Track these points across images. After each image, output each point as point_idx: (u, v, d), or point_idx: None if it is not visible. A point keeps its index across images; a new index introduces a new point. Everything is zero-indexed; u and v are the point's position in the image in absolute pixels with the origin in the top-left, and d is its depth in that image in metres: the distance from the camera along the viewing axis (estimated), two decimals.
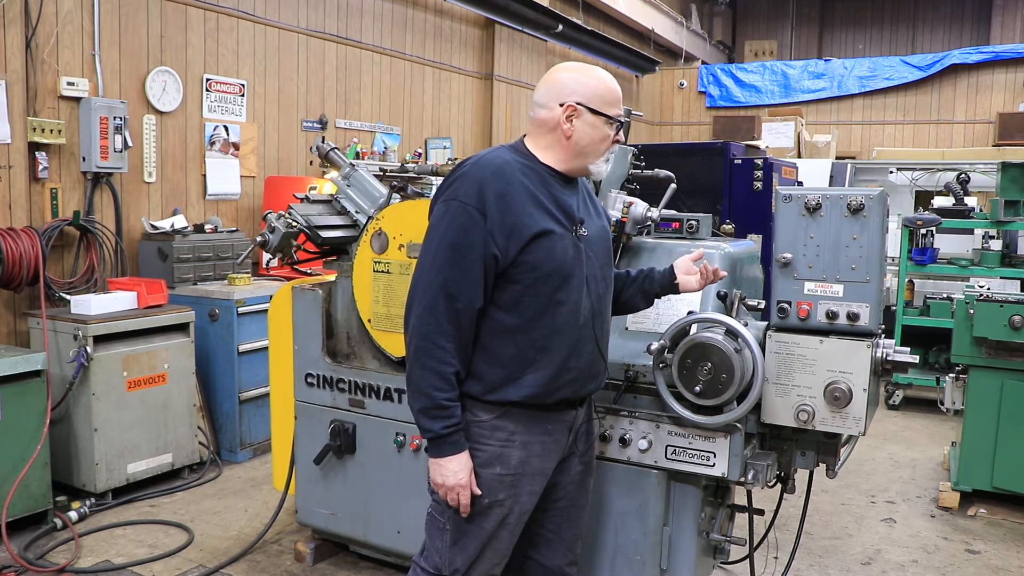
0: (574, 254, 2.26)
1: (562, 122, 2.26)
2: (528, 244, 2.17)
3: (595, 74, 2.33)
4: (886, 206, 2.64)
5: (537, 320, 2.22)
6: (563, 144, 2.29)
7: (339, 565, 3.83)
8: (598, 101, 2.29)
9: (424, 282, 2.18)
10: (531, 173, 2.25)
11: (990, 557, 4.17)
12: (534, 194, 2.22)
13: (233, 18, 6.22)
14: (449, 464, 2.19)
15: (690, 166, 5.05)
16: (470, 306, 2.16)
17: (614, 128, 2.32)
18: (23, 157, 4.73)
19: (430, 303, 2.15)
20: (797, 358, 2.68)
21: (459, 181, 2.20)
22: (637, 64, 13.08)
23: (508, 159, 2.24)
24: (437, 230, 2.19)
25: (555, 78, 2.32)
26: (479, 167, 2.20)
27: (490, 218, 2.15)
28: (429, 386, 2.15)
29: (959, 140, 12.90)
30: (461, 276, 2.14)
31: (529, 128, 2.36)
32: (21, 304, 4.81)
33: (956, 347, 4.65)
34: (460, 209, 2.16)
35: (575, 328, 2.29)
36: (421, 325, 2.16)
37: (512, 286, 2.20)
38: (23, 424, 4.06)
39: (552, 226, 2.22)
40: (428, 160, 8.38)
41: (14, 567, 3.73)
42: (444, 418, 2.17)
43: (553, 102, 2.28)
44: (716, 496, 3.05)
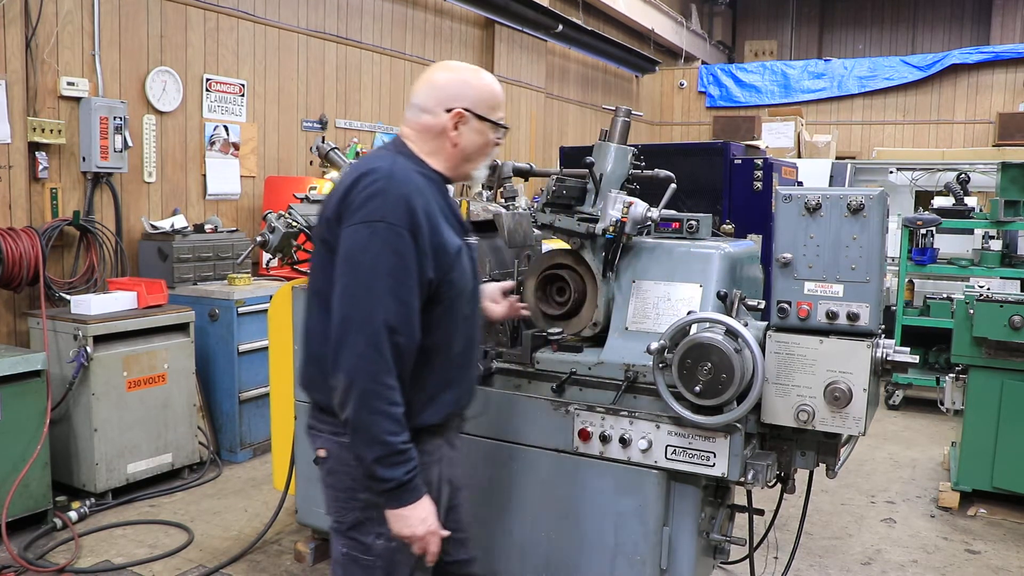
0: (471, 265, 2.21)
1: (449, 129, 2.16)
2: (451, 263, 2.08)
3: (481, 77, 2.21)
4: (886, 206, 2.63)
5: (452, 339, 2.15)
6: (448, 151, 2.18)
7: None
8: (484, 106, 2.18)
9: (361, 315, 1.94)
10: (432, 184, 2.13)
11: (990, 557, 4.17)
12: (443, 207, 2.12)
13: (233, 18, 6.22)
14: (416, 512, 2.01)
15: (690, 166, 5.06)
16: (411, 339, 2.00)
17: (499, 133, 2.24)
18: (23, 157, 4.73)
19: (371, 339, 1.93)
20: (797, 358, 2.68)
21: (380, 199, 1.98)
22: (637, 64, 13.09)
23: (415, 171, 2.10)
24: (366, 256, 1.95)
25: (437, 81, 2.18)
26: (398, 182, 2.01)
27: (421, 240, 1.99)
28: (383, 431, 1.94)
29: (959, 140, 12.91)
30: (401, 307, 1.96)
31: (407, 132, 2.21)
32: (21, 304, 4.81)
33: (956, 347, 4.65)
34: (390, 232, 1.95)
35: (478, 341, 2.28)
36: (364, 364, 1.93)
37: (436, 307, 2.08)
38: (23, 424, 4.06)
39: (460, 240, 2.15)
40: None
41: (14, 567, 3.73)
42: (404, 463, 1.97)
43: (439, 108, 2.15)
44: (716, 496, 3.05)
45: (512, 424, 3.11)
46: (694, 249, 3.03)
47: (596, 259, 3.05)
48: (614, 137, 3.20)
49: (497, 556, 3.20)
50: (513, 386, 3.19)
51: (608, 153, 3.16)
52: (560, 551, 3.06)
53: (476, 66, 2.26)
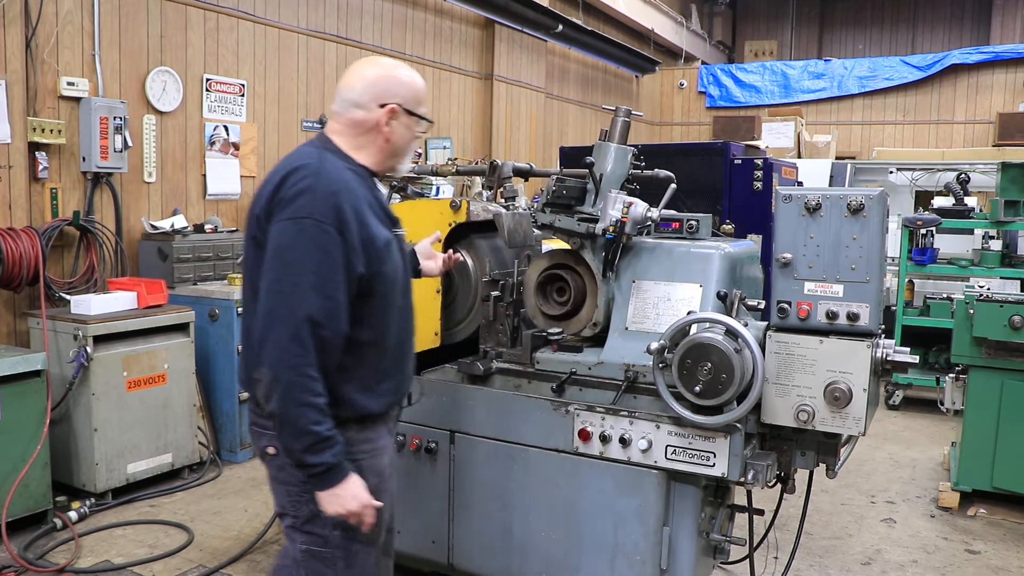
0: (400, 257, 2.27)
1: (382, 124, 2.21)
2: (381, 256, 2.14)
3: (410, 73, 2.28)
4: (886, 206, 2.64)
5: (386, 330, 2.21)
6: (379, 145, 2.24)
7: None
8: (413, 102, 2.26)
9: (286, 309, 1.99)
10: (359, 179, 2.18)
11: (990, 557, 4.17)
12: (371, 202, 2.17)
13: (233, 18, 6.22)
14: (346, 489, 2.07)
15: (690, 166, 5.06)
16: (337, 334, 2.06)
17: (422, 127, 2.32)
18: (23, 157, 4.73)
19: (295, 333, 1.98)
20: (797, 358, 2.68)
21: (308, 196, 2.03)
22: (637, 64, 13.09)
23: (343, 166, 2.15)
24: (293, 251, 2.01)
25: (372, 77, 2.22)
26: (325, 179, 2.06)
27: (349, 235, 2.04)
28: (309, 421, 2.00)
29: (959, 140, 12.91)
30: (327, 302, 2.02)
31: (334, 127, 2.25)
32: (21, 304, 4.81)
33: (956, 347, 4.65)
34: (317, 228, 2.00)
35: (412, 331, 2.35)
36: (287, 357, 1.98)
37: (368, 299, 2.14)
38: (23, 424, 4.06)
39: (389, 233, 2.21)
40: (428, 160, 8.38)
41: (14, 567, 3.73)
42: (331, 447, 2.04)
43: (373, 103, 2.20)
44: (716, 496, 3.05)
45: (512, 424, 3.11)
46: (694, 249, 3.03)
47: (596, 259, 3.05)
48: (614, 137, 3.20)
49: (497, 556, 3.20)
50: (513, 386, 3.20)
51: (608, 153, 3.16)
52: (560, 551, 3.06)
53: (398, 61, 2.33)
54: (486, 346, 3.30)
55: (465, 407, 3.23)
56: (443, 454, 3.29)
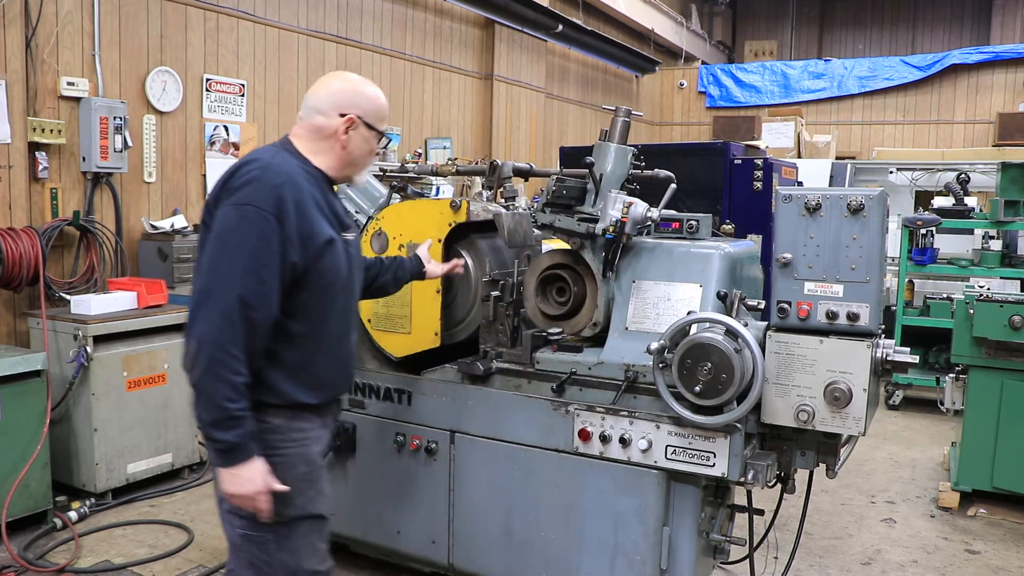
0: (347, 260, 2.37)
1: (340, 132, 2.33)
2: (319, 252, 2.23)
3: (373, 90, 2.42)
4: (886, 206, 2.64)
5: (321, 325, 2.31)
6: (337, 153, 2.36)
7: (339, 565, 3.80)
8: (374, 116, 2.38)
9: (219, 289, 2.10)
10: (312, 179, 2.29)
11: (990, 557, 4.17)
12: (318, 201, 2.27)
13: (233, 18, 6.22)
14: (244, 472, 2.13)
15: (690, 166, 5.06)
16: (268, 316, 2.15)
17: (381, 143, 2.45)
18: (23, 157, 4.73)
19: (225, 311, 2.08)
20: (797, 358, 2.68)
21: (253, 186, 2.14)
22: (637, 64, 13.09)
23: (294, 164, 2.27)
24: (233, 235, 2.12)
25: (336, 87, 2.37)
26: (272, 172, 2.18)
27: (288, 225, 2.15)
28: (222, 397, 2.08)
29: (959, 140, 12.91)
30: (260, 285, 2.11)
31: (297, 131, 2.38)
32: (21, 304, 4.81)
33: (956, 347, 4.65)
34: (257, 215, 2.12)
35: (352, 330, 2.45)
36: (214, 333, 2.08)
37: (303, 293, 2.23)
38: (23, 424, 4.06)
39: (333, 233, 2.30)
40: (428, 160, 8.38)
41: (14, 567, 3.73)
42: (237, 427, 2.11)
43: (333, 112, 2.33)
44: (716, 496, 3.05)
45: (512, 424, 3.12)
46: (694, 249, 3.03)
47: (596, 259, 3.05)
48: (614, 137, 3.20)
49: (497, 556, 3.20)
50: (513, 386, 3.20)
51: (608, 153, 3.16)
52: (560, 551, 3.06)
53: (368, 80, 2.46)
54: (486, 346, 3.30)
55: (465, 407, 3.23)
56: (443, 454, 3.29)
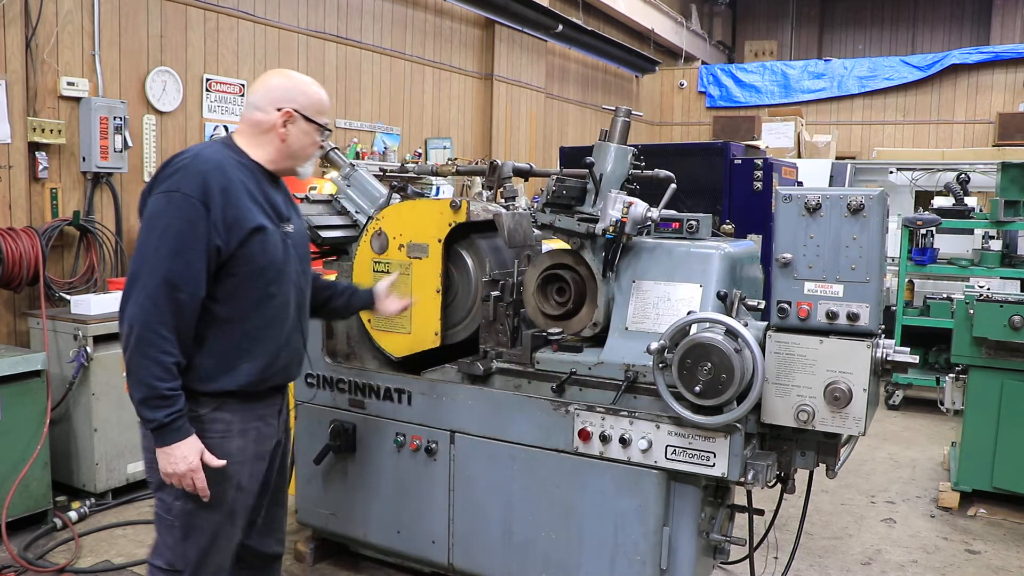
0: (283, 250, 2.42)
1: (278, 126, 2.42)
2: (247, 238, 2.30)
3: (311, 85, 2.50)
4: (886, 206, 2.64)
5: (251, 312, 2.36)
6: (277, 146, 2.44)
7: (339, 565, 3.83)
8: (312, 110, 2.46)
9: (147, 271, 2.20)
10: (245, 170, 2.38)
11: (990, 557, 4.17)
12: (250, 190, 2.35)
13: (233, 18, 6.22)
14: (177, 450, 2.21)
15: (690, 166, 5.06)
16: (195, 296, 2.23)
17: (323, 136, 2.51)
18: (23, 157, 4.73)
19: (152, 292, 2.18)
20: (797, 358, 2.68)
21: (180, 173, 2.25)
22: (637, 64, 13.08)
23: (225, 155, 2.36)
24: (160, 219, 2.22)
25: (274, 83, 2.46)
26: (200, 160, 2.28)
27: (213, 211, 2.23)
28: (150, 376, 2.17)
29: (959, 140, 12.90)
30: (186, 267, 2.20)
31: (240, 128, 2.48)
32: (21, 304, 4.81)
33: (956, 347, 4.65)
34: (184, 201, 2.21)
35: (285, 320, 2.46)
36: (143, 314, 2.17)
37: (229, 279, 2.31)
38: (23, 424, 4.06)
39: (266, 222, 2.36)
40: (428, 160, 8.38)
41: (14, 567, 3.73)
42: (167, 407, 2.18)
43: (270, 106, 2.42)
44: (716, 496, 3.05)
45: (512, 424, 3.12)
46: (694, 249, 3.03)
47: (596, 259, 3.05)
48: (614, 137, 3.20)
49: (497, 556, 3.20)
50: (513, 386, 3.20)
51: (608, 153, 3.16)
52: (560, 551, 3.06)
53: (310, 77, 2.54)
54: (486, 346, 3.30)
55: (465, 407, 3.23)
56: (443, 454, 3.29)
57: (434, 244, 3.32)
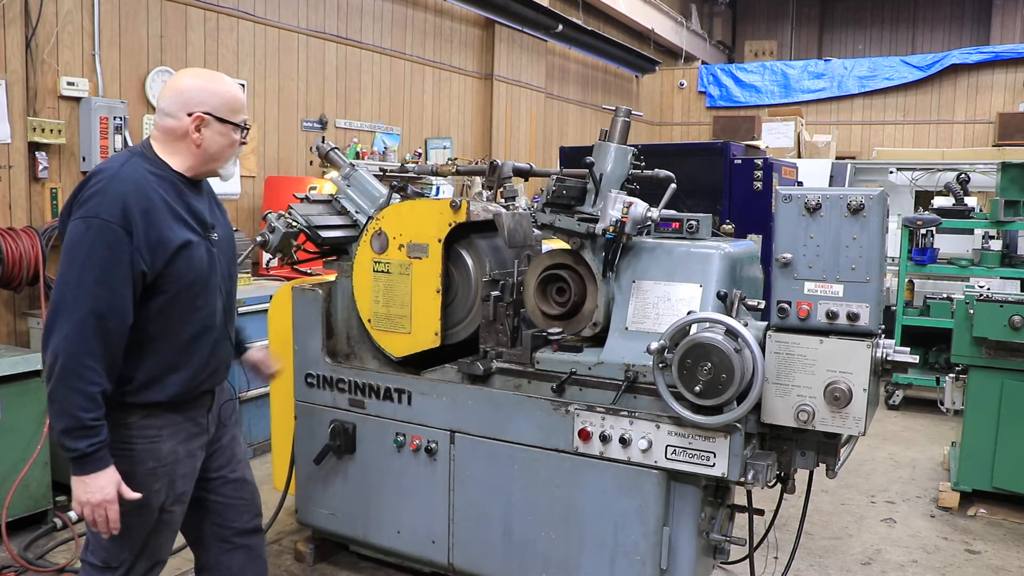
0: (208, 260, 2.38)
1: (191, 132, 2.33)
2: (172, 257, 2.25)
3: (220, 82, 2.40)
4: (886, 206, 2.64)
5: (178, 326, 2.33)
6: (193, 152, 2.36)
7: (339, 565, 3.82)
8: (225, 110, 2.36)
9: (71, 301, 2.15)
10: (165, 184, 2.31)
11: (990, 557, 4.17)
12: (172, 207, 2.29)
13: (233, 18, 6.22)
14: (95, 481, 2.19)
15: (690, 166, 5.06)
16: (122, 324, 2.20)
17: (240, 133, 2.42)
18: (23, 157, 4.73)
19: (78, 323, 2.13)
20: (797, 358, 2.68)
21: (99, 197, 2.17)
22: (637, 64, 13.08)
23: (142, 172, 2.27)
24: (80, 248, 2.16)
25: (180, 87, 2.36)
26: (119, 182, 2.20)
27: (136, 236, 2.18)
28: (75, 407, 2.13)
29: (959, 140, 12.91)
30: (111, 295, 2.16)
31: (154, 134, 2.39)
32: (21, 304, 4.81)
33: (956, 347, 4.65)
34: (104, 228, 2.15)
35: (212, 329, 2.43)
36: (68, 345, 2.13)
37: (157, 297, 2.27)
38: (23, 424, 4.06)
39: (190, 236, 2.31)
40: (428, 160, 8.38)
41: (14, 567, 3.73)
42: (90, 437, 2.16)
43: (181, 112, 2.33)
44: (716, 496, 3.05)
45: (512, 424, 3.12)
46: (694, 249, 3.03)
47: (596, 259, 3.05)
48: (614, 137, 3.20)
49: (497, 556, 3.20)
50: (513, 386, 3.20)
51: (608, 153, 3.16)
52: (560, 551, 3.06)
53: (218, 72, 2.47)
54: (486, 346, 3.30)
55: (465, 407, 3.23)
56: (443, 454, 3.29)
57: (434, 244, 3.32)
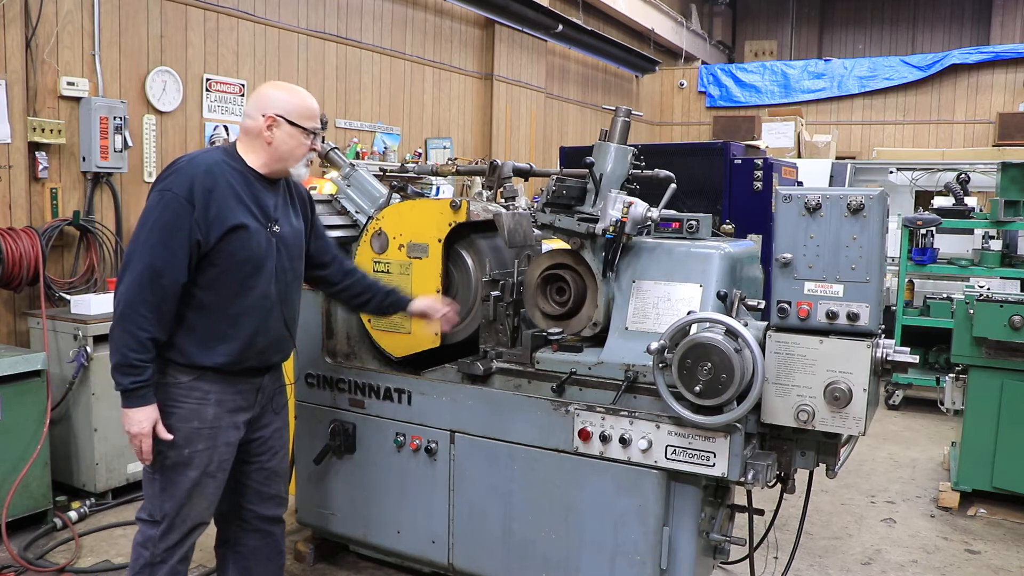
0: (267, 247, 2.65)
1: (264, 130, 2.63)
2: (226, 235, 2.54)
3: (295, 93, 2.71)
4: (886, 206, 2.64)
5: (230, 300, 2.60)
6: (265, 149, 2.66)
7: (339, 565, 3.83)
8: (296, 115, 2.66)
9: (136, 257, 2.49)
10: (237, 174, 2.62)
11: (990, 557, 4.17)
12: (237, 192, 2.59)
13: (233, 18, 6.22)
14: (135, 414, 2.51)
15: (690, 166, 5.07)
16: (175, 282, 2.50)
17: (310, 138, 2.70)
18: (23, 157, 4.73)
19: (138, 276, 2.46)
20: (797, 358, 2.68)
21: (175, 175, 2.53)
22: (637, 64, 13.08)
23: (218, 160, 2.60)
24: (152, 214, 2.51)
25: (262, 93, 2.70)
26: (193, 165, 2.55)
27: (197, 209, 2.50)
28: (125, 346, 2.45)
29: (959, 140, 12.90)
30: (170, 255, 2.48)
31: (239, 134, 2.72)
32: (21, 304, 4.81)
33: (956, 347, 4.65)
34: (173, 199, 2.49)
35: (263, 310, 2.67)
36: (127, 293, 2.46)
37: (211, 268, 2.56)
38: (23, 424, 4.06)
39: (248, 221, 2.59)
40: (428, 160, 8.38)
41: (14, 567, 3.73)
42: (134, 375, 2.46)
43: (257, 113, 2.65)
44: (716, 496, 3.05)
45: (512, 424, 3.11)
46: (694, 249, 3.03)
47: (596, 259, 3.05)
48: (614, 137, 3.20)
49: (497, 556, 3.20)
50: (513, 386, 3.20)
51: (608, 153, 3.16)
52: (560, 551, 3.06)
53: (298, 86, 2.76)
54: (486, 346, 3.31)
55: (465, 407, 3.23)
56: (443, 454, 3.29)
57: (434, 244, 3.32)
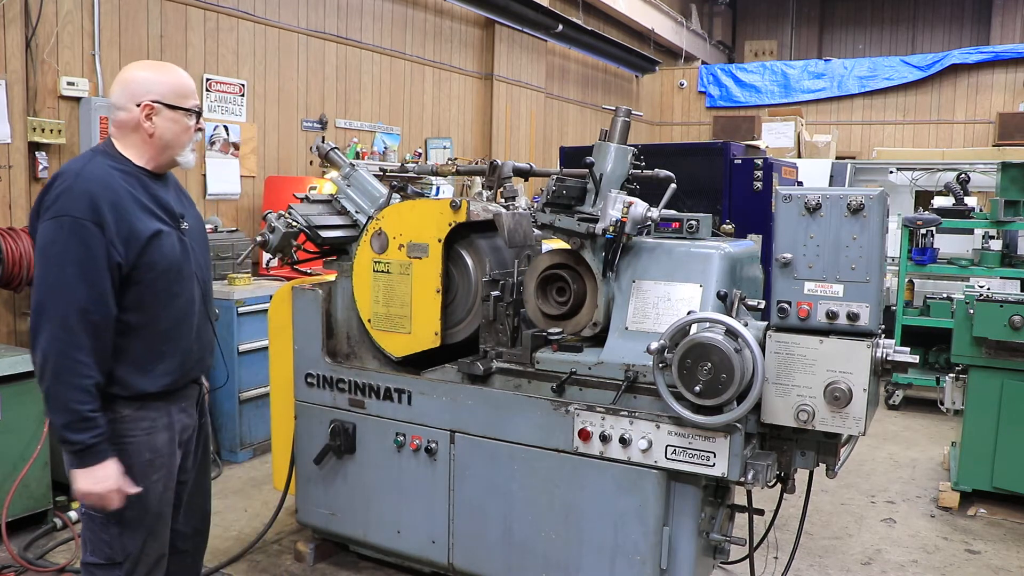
0: (181, 248, 2.43)
1: (142, 121, 2.36)
2: (144, 247, 2.30)
3: (166, 70, 2.45)
4: (886, 206, 2.64)
5: (159, 314, 2.38)
6: (148, 142, 2.39)
7: (339, 565, 3.83)
8: (174, 96, 2.40)
9: (53, 300, 2.20)
10: (129, 178, 2.35)
11: (990, 557, 4.17)
12: (139, 199, 2.33)
13: (233, 18, 6.22)
14: (99, 471, 2.25)
15: (690, 166, 5.06)
16: (106, 316, 2.25)
17: (194, 119, 2.46)
18: (23, 157, 4.73)
19: (63, 320, 2.19)
20: (797, 358, 2.68)
21: (66, 196, 2.22)
22: (637, 64, 13.08)
23: (106, 167, 2.31)
24: (55, 247, 2.21)
25: (127, 79, 2.40)
26: (84, 180, 2.25)
27: (107, 229, 2.22)
28: (72, 400, 2.19)
29: (959, 140, 12.91)
30: (91, 289, 2.21)
31: (112, 131, 2.42)
32: (21, 304, 4.81)
33: (956, 347, 4.65)
34: (76, 224, 2.20)
35: (192, 315, 2.49)
36: (56, 343, 2.19)
37: (134, 287, 2.32)
38: (23, 424, 4.06)
39: (160, 226, 2.36)
40: (428, 160, 8.38)
41: (14, 567, 3.73)
42: (91, 429, 2.22)
43: (130, 103, 2.36)
44: (716, 496, 3.06)
45: (512, 424, 3.12)
46: (694, 249, 3.03)
47: (596, 259, 3.05)
48: (614, 137, 3.20)
49: (497, 556, 3.21)
50: (513, 386, 3.20)
51: (608, 153, 3.16)
52: (560, 551, 3.06)
53: (165, 62, 2.45)
54: (486, 346, 3.31)
55: (465, 407, 3.23)
56: (443, 454, 3.29)
57: (434, 244, 3.32)
